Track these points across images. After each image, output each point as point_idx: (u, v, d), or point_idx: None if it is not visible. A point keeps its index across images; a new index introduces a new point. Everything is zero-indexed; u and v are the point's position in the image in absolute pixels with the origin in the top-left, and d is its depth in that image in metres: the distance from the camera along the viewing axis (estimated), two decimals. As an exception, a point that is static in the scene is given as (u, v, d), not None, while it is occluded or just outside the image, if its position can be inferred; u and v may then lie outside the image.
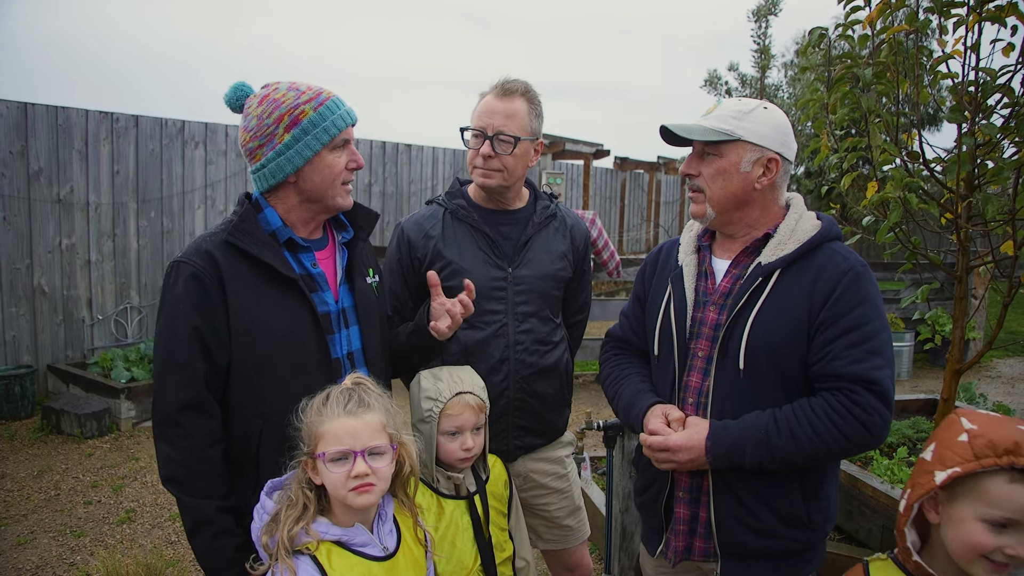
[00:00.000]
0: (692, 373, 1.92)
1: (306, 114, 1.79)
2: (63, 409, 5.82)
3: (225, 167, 8.02)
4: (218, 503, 1.73)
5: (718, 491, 1.86)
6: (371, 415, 1.61)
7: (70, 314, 6.84)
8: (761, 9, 16.85)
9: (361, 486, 1.57)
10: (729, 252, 1.95)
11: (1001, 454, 1.30)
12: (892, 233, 3.10)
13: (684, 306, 1.94)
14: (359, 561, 1.60)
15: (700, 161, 1.90)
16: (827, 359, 1.75)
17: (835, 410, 1.72)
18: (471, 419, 2.00)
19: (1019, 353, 9.68)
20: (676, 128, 1.87)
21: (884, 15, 2.97)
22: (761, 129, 1.83)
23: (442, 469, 2.02)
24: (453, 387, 2.01)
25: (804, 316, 1.77)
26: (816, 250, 1.83)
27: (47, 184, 6.61)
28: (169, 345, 1.75)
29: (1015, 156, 2.87)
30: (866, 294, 1.77)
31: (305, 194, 1.86)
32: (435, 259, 2.34)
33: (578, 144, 11.93)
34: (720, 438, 1.78)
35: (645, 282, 2.16)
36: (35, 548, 4.02)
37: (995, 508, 1.31)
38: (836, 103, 3.08)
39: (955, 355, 3.28)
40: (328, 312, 1.89)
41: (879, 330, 1.75)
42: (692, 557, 1.94)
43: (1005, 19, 2.69)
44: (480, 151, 2.29)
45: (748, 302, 1.82)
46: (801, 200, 1.97)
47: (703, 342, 1.90)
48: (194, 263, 1.75)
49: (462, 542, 1.99)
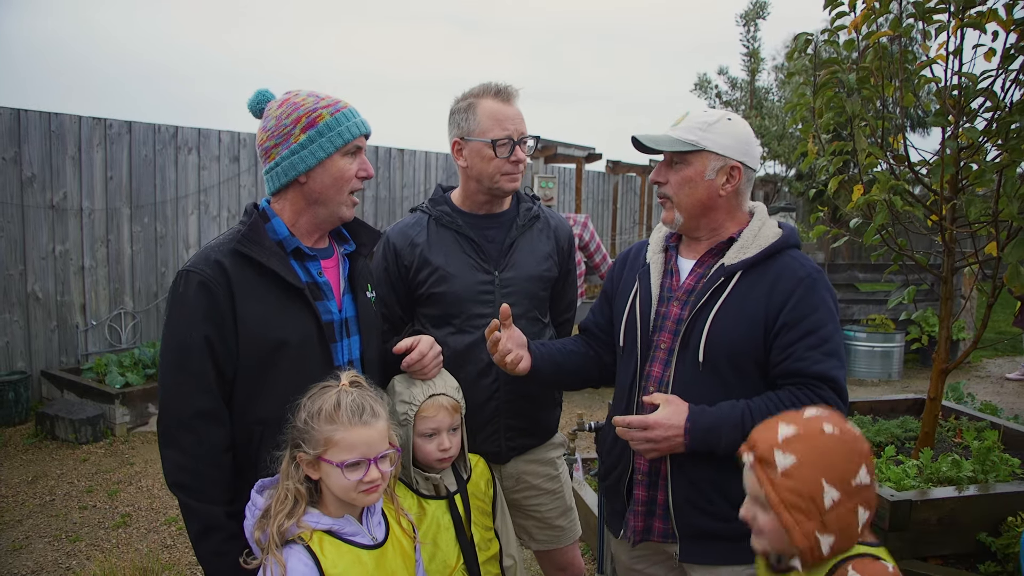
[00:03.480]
0: (654, 364, 2.04)
1: (323, 117, 1.85)
2: (57, 415, 5.82)
3: (218, 172, 8.03)
4: (226, 508, 1.75)
5: (674, 475, 1.96)
6: (380, 423, 1.69)
7: (64, 320, 6.84)
8: (749, 13, 16.95)
9: (370, 489, 1.66)
10: (695, 252, 2.08)
11: (746, 445, 1.55)
12: (879, 235, 3.15)
13: (649, 300, 2.07)
14: (349, 549, 1.66)
15: (668, 170, 2.03)
16: (790, 360, 1.88)
17: (802, 402, 1.83)
18: (446, 420, 2.05)
19: (1007, 353, 9.76)
20: (645, 139, 2.02)
21: (869, 20, 3.03)
22: (724, 140, 1.96)
23: (420, 470, 2.06)
24: (426, 390, 2.06)
25: (761, 316, 1.90)
26: (776, 256, 1.97)
27: (40, 190, 6.62)
28: (180, 353, 1.77)
29: (998, 159, 2.93)
30: (821, 299, 1.91)
31: (313, 197, 1.89)
32: (422, 266, 2.37)
33: (570, 148, 11.97)
34: (699, 419, 1.88)
35: (614, 279, 2.29)
36: (30, 553, 4.03)
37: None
38: (822, 107, 3.14)
39: (941, 355, 3.34)
40: (332, 321, 1.93)
41: (833, 333, 1.90)
42: (652, 538, 2.04)
43: (985, 25, 2.75)
44: (513, 157, 2.32)
45: (710, 300, 1.95)
46: (764, 209, 2.10)
47: (666, 335, 2.02)
48: (203, 272, 1.77)
49: (444, 541, 2.03)
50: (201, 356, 1.75)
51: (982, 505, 3.11)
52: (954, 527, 3.06)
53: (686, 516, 1.96)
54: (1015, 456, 3.50)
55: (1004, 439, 3.77)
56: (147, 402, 6.15)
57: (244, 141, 8.22)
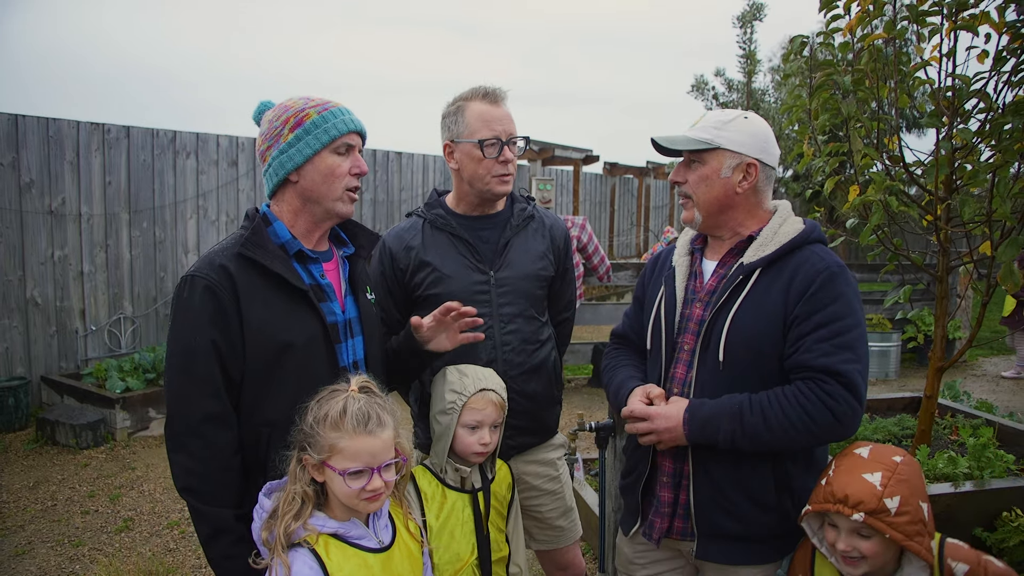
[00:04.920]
0: (678, 365, 2.05)
1: (310, 116, 1.88)
2: (58, 420, 5.84)
3: (217, 177, 8.05)
4: (236, 511, 1.77)
5: (697, 475, 1.98)
6: (386, 432, 1.69)
7: (63, 325, 6.85)
8: (746, 15, 17.03)
9: (372, 496, 1.67)
10: (717, 253, 2.08)
11: (835, 502, 1.77)
12: (875, 235, 3.18)
13: (674, 303, 2.09)
14: (356, 553, 1.67)
15: (687, 169, 2.04)
16: (799, 352, 1.86)
17: (804, 395, 1.83)
18: (492, 415, 2.09)
19: (1004, 352, 9.81)
20: (662, 140, 2.04)
21: (863, 23, 3.06)
22: (739, 137, 1.97)
23: (451, 461, 2.09)
24: (478, 383, 2.10)
25: (780, 312, 1.89)
26: (796, 251, 1.95)
27: (39, 195, 6.63)
28: (186, 358, 1.78)
29: (991, 159, 2.96)
30: (840, 292, 1.87)
31: (306, 195, 1.91)
32: (418, 269, 2.40)
33: (567, 150, 12.02)
34: (697, 410, 1.91)
35: (644, 284, 2.31)
36: (33, 558, 4.05)
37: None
38: (818, 109, 3.17)
39: (937, 353, 3.36)
40: (336, 322, 1.95)
41: (851, 327, 1.86)
42: (671, 535, 2.08)
43: (978, 27, 2.78)
44: (502, 158, 2.35)
45: (729, 299, 1.95)
46: (788, 206, 2.08)
47: (689, 336, 2.04)
48: (208, 277, 1.78)
49: (461, 534, 2.05)
50: (208, 360, 1.76)
51: (978, 501, 3.14)
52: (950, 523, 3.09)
53: (707, 516, 1.98)
54: (1010, 452, 3.54)
55: (999, 436, 3.81)
56: (148, 407, 6.16)
57: (242, 145, 8.24)
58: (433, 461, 2.11)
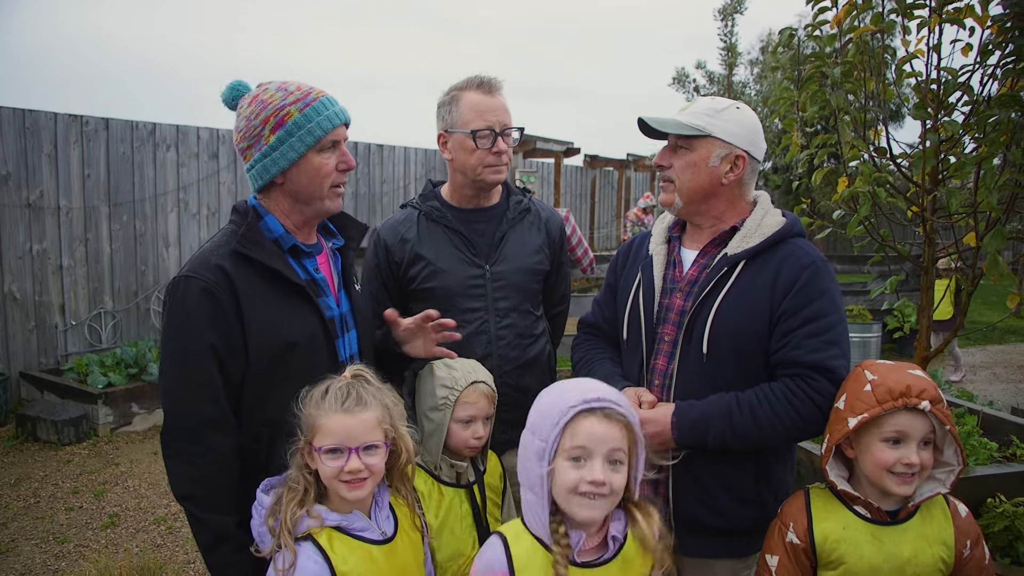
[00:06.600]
0: (659, 357, 2.02)
1: (291, 116, 1.78)
2: (39, 416, 5.75)
3: (197, 169, 7.96)
4: (236, 518, 1.72)
5: (677, 468, 1.96)
6: (367, 413, 1.65)
7: (43, 320, 6.75)
8: (727, 8, 17.11)
9: (353, 481, 1.62)
10: (697, 243, 2.06)
11: (897, 397, 1.67)
12: (862, 226, 3.21)
13: (652, 292, 2.05)
14: (360, 545, 1.65)
15: (672, 153, 2.01)
16: (787, 348, 1.86)
17: (793, 394, 1.83)
18: (484, 408, 2.06)
19: (980, 342, 9.97)
20: (652, 121, 1.99)
21: (851, 16, 3.08)
22: (731, 127, 1.95)
23: (446, 457, 2.07)
24: (468, 376, 2.06)
25: (766, 306, 1.88)
26: (779, 244, 1.95)
27: (16, 188, 6.52)
28: (184, 362, 1.71)
29: (975, 151, 2.99)
30: (825, 287, 1.89)
31: (294, 195, 1.86)
32: (413, 262, 2.38)
33: (549, 143, 12.01)
34: (685, 413, 1.88)
35: (617, 271, 2.26)
36: (17, 556, 3.99)
37: (889, 430, 1.69)
38: (807, 101, 3.19)
39: (923, 343, 3.41)
40: (333, 317, 1.91)
41: (836, 323, 1.88)
42: None
43: (963, 20, 2.81)
44: (495, 148, 2.32)
45: (713, 290, 1.93)
46: (768, 197, 2.08)
47: (669, 327, 2.01)
48: (205, 278, 1.71)
49: (461, 529, 2.04)
50: (207, 365, 1.70)
51: (963, 488, 3.14)
52: (937, 510, 3.14)
53: (686, 509, 1.96)
54: (992, 440, 3.60)
55: (982, 424, 3.87)
56: (130, 402, 6.09)
57: (223, 137, 8.15)
58: (426, 459, 2.06)
